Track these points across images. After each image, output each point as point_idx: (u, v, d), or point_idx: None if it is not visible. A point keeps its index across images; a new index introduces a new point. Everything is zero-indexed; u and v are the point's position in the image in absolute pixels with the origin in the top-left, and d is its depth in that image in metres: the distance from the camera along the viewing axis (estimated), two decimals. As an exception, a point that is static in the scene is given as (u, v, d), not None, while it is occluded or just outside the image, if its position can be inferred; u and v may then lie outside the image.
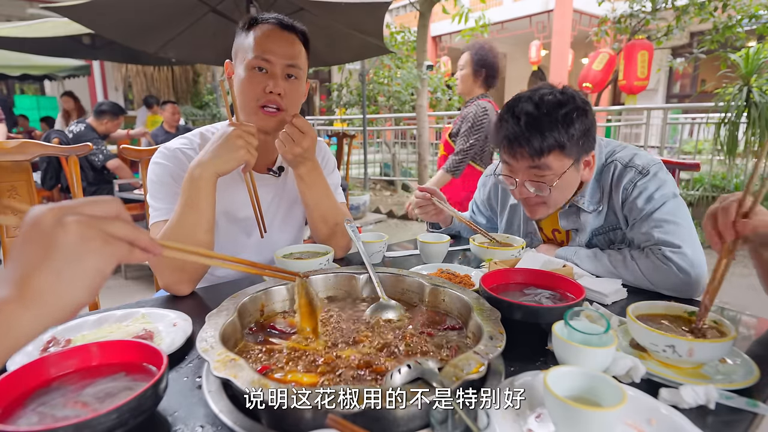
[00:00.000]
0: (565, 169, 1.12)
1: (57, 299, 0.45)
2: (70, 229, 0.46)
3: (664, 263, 1.04)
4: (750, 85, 4.46)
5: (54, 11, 3.24)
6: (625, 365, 0.66)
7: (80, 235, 0.46)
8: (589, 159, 1.16)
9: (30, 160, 1.32)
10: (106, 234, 0.48)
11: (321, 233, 1.28)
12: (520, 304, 0.80)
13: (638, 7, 6.99)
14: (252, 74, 1.13)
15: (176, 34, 3.61)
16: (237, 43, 1.19)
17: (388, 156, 8.60)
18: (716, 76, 5.14)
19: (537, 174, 1.13)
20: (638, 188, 1.13)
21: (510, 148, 1.13)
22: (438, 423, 0.48)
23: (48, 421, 0.53)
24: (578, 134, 1.09)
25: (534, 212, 1.23)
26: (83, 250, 0.46)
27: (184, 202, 1.03)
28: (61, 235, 0.45)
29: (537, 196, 1.17)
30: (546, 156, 1.10)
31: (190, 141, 1.22)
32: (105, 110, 4.08)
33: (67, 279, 0.45)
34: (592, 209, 1.21)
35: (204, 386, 0.62)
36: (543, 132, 1.08)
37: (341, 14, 3.51)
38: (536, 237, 1.38)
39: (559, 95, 1.10)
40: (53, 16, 4.75)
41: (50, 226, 0.45)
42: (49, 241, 0.45)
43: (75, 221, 0.46)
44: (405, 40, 8.02)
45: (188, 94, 10.03)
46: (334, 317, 0.83)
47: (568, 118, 1.08)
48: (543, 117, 1.08)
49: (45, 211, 0.46)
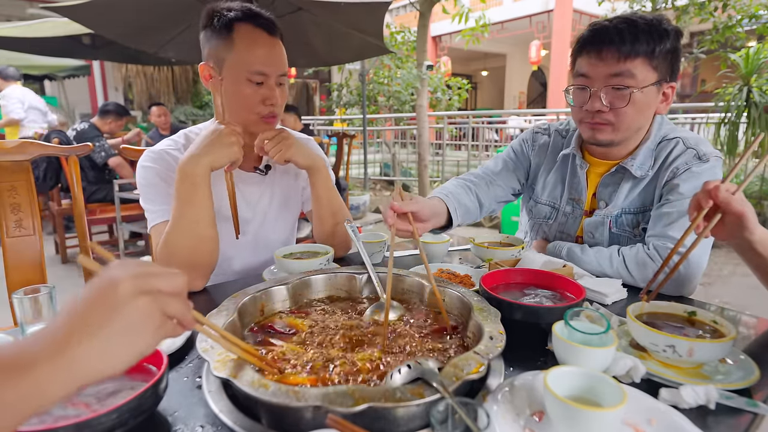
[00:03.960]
0: (648, 82, 1.07)
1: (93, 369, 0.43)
2: (140, 306, 0.44)
3: (653, 259, 1.06)
4: (750, 85, 4.46)
5: (54, 11, 3.24)
6: (625, 365, 0.66)
7: (145, 314, 0.45)
8: (668, 91, 1.13)
9: (30, 159, 1.32)
10: (165, 314, 0.47)
11: (326, 227, 1.29)
12: (520, 304, 0.80)
13: (638, 7, 6.99)
14: (249, 88, 1.13)
15: (176, 34, 3.61)
16: (211, 45, 1.14)
17: (388, 156, 8.60)
18: (716, 76, 5.14)
19: (618, 82, 1.08)
20: (690, 172, 1.10)
21: (597, 47, 1.09)
22: (438, 423, 0.48)
23: (48, 421, 0.53)
24: (669, 50, 1.07)
25: (598, 132, 1.14)
26: (142, 329, 0.45)
27: (180, 199, 1.04)
28: (131, 311, 0.44)
29: (609, 111, 1.10)
30: (633, 59, 1.05)
31: (175, 142, 1.23)
32: (110, 110, 4.11)
33: (112, 353, 0.44)
34: (640, 174, 1.17)
35: (204, 386, 0.62)
36: (636, 33, 1.05)
37: (341, 14, 3.50)
38: (578, 206, 1.29)
39: (656, 16, 1.09)
40: (53, 16, 4.74)
41: (125, 298, 0.44)
42: (117, 312, 0.44)
43: (147, 300, 0.45)
44: (405, 40, 8.02)
45: (188, 94, 10.02)
46: (333, 317, 0.83)
47: (662, 29, 1.06)
48: (639, 21, 1.06)
49: (124, 278, 0.45)
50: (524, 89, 15.82)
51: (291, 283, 0.89)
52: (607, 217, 1.22)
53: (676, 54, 1.09)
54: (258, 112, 1.16)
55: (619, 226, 1.21)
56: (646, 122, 1.17)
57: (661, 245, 1.07)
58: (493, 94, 17.95)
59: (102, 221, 3.80)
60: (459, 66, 15.30)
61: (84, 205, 1.50)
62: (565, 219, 1.32)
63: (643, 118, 1.14)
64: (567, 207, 1.32)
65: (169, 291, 0.47)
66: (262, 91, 1.14)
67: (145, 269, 0.47)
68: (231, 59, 1.12)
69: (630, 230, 1.21)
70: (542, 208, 1.38)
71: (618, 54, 1.06)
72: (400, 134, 9.00)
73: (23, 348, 0.42)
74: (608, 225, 1.22)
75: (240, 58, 1.11)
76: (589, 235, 1.25)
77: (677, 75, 1.13)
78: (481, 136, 8.34)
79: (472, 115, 8.45)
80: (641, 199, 1.19)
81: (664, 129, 1.20)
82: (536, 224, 1.41)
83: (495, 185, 1.40)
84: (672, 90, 1.14)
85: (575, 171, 1.29)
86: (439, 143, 8.54)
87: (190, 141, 1.23)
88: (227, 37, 1.11)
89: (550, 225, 1.36)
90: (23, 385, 0.40)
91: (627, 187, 1.20)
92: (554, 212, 1.35)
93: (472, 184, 1.37)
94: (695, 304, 0.91)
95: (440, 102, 8.51)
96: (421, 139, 6.23)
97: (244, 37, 1.11)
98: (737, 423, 0.60)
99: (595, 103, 1.11)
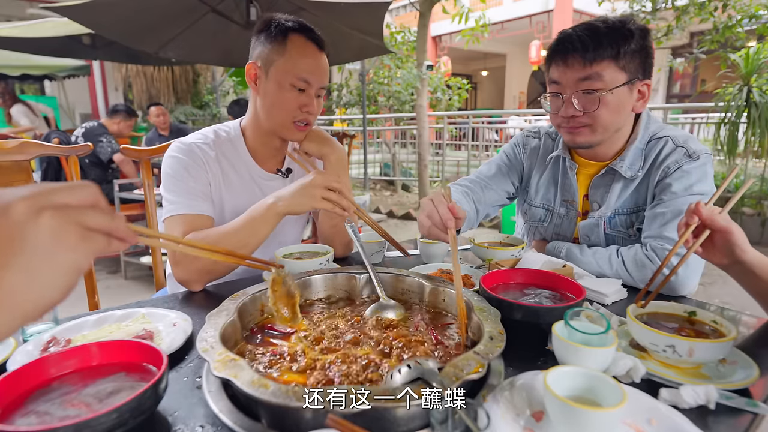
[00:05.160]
0: (617, 84, 1.09)
1: (29, 299, 0.41)
2: (43, 223, 0.40)
3: (651, 259, 1.06)
4: (750, 85, 4.46)
5: (54, 11, 3.24)
6: (625, 365, 0.66)
7: (55, 230, 0.41)
8: (644, 89, 1.14)
9: (30, 159, 1.32)
10: (83, 227, 0.43)
11: (331, 223, 1.30)
12: (520, 304, 0.80)
13: (638, 7, 6.98)
14: (291, 91, 1.17)
15: (176, 34, 3.61)
16: (265, 49, 1.18)
17: (388, 156, 8.60)
18: (716, 76, 5.14)
19: (587, 86, 1.10)
20: (682, 171, 1.11)
21: (563, 55, 1.12)
22: (438, 423, 0.48)
23: (48, 421, 0.53)
24: (635, 49, 1.08)
25: (577, 135, 1.16)
26: (58, 246, 0.41)
27: (248, 219, 1.07)
28: (33, 231, 0.40)
29: (584, 115, 1.12)
30: (599, 63, 1.07)
31: (205, 136, 1.26)
32: (119, 110, 4.18)
33: (40, 277, 0.41)
34: (630, 175, 1.18)
35: (204, 386, 0.62)
36: (599, 38, 1.07)
37: (341, 14, 3.51)
38: (572, 207, 1.30)
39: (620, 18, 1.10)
40: (53, 16, 4.74)
41: (21, 220, 0.40)
42: (20, 235, 0.40)
43: (49, 215, 0.41)
44: (405, 40, 8.02)
45: (188, 94, 10.01)
46: (333, 317, 0.83)
47: (625, 30, 1.07)
48: (600, 25, 1.08)
49: (16, 199, 0.40)
50: (524, 89, 15.82)
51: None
52: (601, 219, 1.22)
53: (645, 52, 1.10)
54: (294, 117, 1.20)
55: (614, 227, 1.22)
56: (624, 122, 1.17)
57: (659, 246, 1.07)
58: (493, 94, 17.95)
59: (102, 221, 3.80)
60: (459, 66, 15.30)
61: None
62: (560, 221, 1.33)
63: (620, 119, 1.15)
64: (561, 209, 1.33)
65: (78, 203, 0.44)
66: (302, 98, 1.18)
67: (40, 187, 0.42)
68: (280, 63, 1.16)
69: (624, 231, 1.21)
70: (537, 211, 1.38)
71: (582, 60, 1.09)
72: (400, 134, 9.01)
73: None
74: (602, 227, 1.22)
75: (289, 63, 1.16)
76: (585, 237, 1.26)
77: (650, 72, 1.14)
78: (481, 136, 8.35)
79: (472, 115, 8.46)
80: (634, 200, 1.20)
81: (651, 128, 1.21)
82: (532, 227, 1.42)
83: (489, 189, 1.41)
84: (647, 87, 1.15)
85: (566, 172, 1.30)
86: (439, 143, 8.55)
87: (219, 137, 1.26)
88: (281, 42, 1.17)
89: (545, 227, 1.37)
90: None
91: (618, 188, 1.20)
92: (549, 214, 1.36)
93: (469, 190, 1.38)
94: (695, 304, 0.91)
95: (440, 102, 8.51)
96: (421, 139, 6.23)
97: (296, 46, 1.17)
98: (737, 423, 0.60)
99: (569, 109, 1.14)
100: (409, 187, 7.97)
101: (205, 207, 1.16)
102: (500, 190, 1.43)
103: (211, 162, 1.21)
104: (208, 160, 1.20)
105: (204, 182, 1.19)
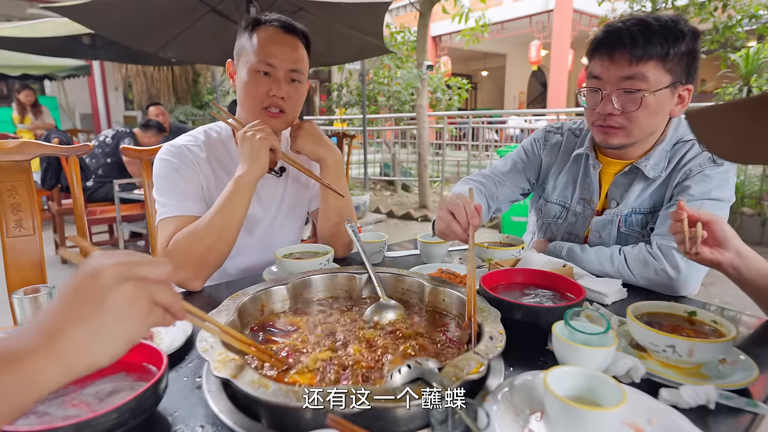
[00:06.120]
0: (661, 86, 1.06)
1: (86, 359, 0.44)
2: (125, 292, 0.45)
3: (655, 257, 1.06)
4: (750, 85, 4.47)
5: (54, 11, 3.23)
6: (625, 365, 0.66)
7: (131, 300, 0.45)
8: (684, 93, 1.11)
9: (30, 159, 1.32)
10: (152, 301, 0.47)
11: (330, 224, 1.29)
12: (520, 304, 0.80)
13: (638, 7, 6.98)
14: (256, 77, 1.16)
15: (176, 34, 3.61)
16: (239, 43, 1.20)
17: (388, 156, 8.59)
18: (716, 76, 5.15)
19: (630, 85, 1.06)
20: (703, 175, 1.09)
21: (608, 49, 1.07)
22: (438, 423, 0.48)
23: (48, 421, 0.53)
24: (684, 52, 1.05)
25: (611, 137, 1.14)
26: (130, 314, 0.45)
27: (221, 202, 1.07)
28: (114, 297, 0.44)
29: (621, 114, 1.10)
30: (646, 63, 1.04)
31: (195, 138, 1.25)
32: (152, 125, 4.37)
33: (102, 341, 0.44)
34: (653, 175, 1.16)
35: (204, 386, 0.62)
36: (649, 36, 1.03)
37: (341, 14, 3.50)
38: (589, 206, 1.28)
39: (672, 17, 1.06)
40: (53, 16, 4.74)
41: (108, 285, 0.44)
42: (102, 300, 0.44)
43: (131, 285, 0.45)
44: (405, 40, 8.01)
45: (188, 94, 10.02)
46: (333, 317, 0.83)
47: (677, 30, 1.04)
48: (652, 22, 1.04)
49: (107, 266, 0.45)
50: (524, 89, 15.82)
51: (291, 283, 0.89)
52: (617, 216, 1.21)
53: (692, 56, 1.07)
54: (262, 103, 1.18)
55: (629, 226, 1.20)
56: (659, 125, 1.15)
57: (665, 244, 1.06)
58: (493, 94, 17.96)
59: (102, 221, 3.81)
60: (459, 66, 15.31)
61: (84, 204, 1.50)
62: (575, 219, 1.31)
63: (657, 122, 1.13)
64: (578, 207, 1.31)
65: (154, 278, 0.48)
66: (268, 81, 1.16)
67: (128, 258, 0.47)
68: (248, 50, 1.17)
69: (639, 230, 1.20)
70: (552, 207, 1.36)
71: (630, 57, 1.05)
72: (400, 134, 9.00)
73: (14, 340, 0.43)
74: (617, 224, 1.21)
75: (255, 49, 1.16)
76: (596, 234, 1.24)
77: (695, 77, 1.11)
78: (481, 136, 8.35)
79: (472, 115, 8.45)
80: (652, 200, 1.18)
81: (680, 131, 1.19)
82: (545, 224, 1.39)
83: (503, 185, 1.40)
84: (689, 92, 1.11)
85: (587, 171, 1.28)
86: (439, 143, 8.55)
87: (210, 138, 1.26)
88: (251, 33, 1.18)
89: (559, 225, 1.35)
90: (17, 377, 0.40)
91: (639, 188, 1.19)
92: (564, 212, 1.34)
93: (482, 186, 1.37)
94: (695, 304, 0.91)
95: (440, 102, 8.50)
96: (421, 139, 6.23)
97: (262, 33, 1.17)
98: (737, 423, 0.60)
99: (607, 106, 1.10)
100: (409, 187, 7.97)
101: (198, 208, 1.15)
102: (514, 186, 1.42)
103: (201, 163, 1.20)
104: (199, 161, 1.20)
105: (195, 184, 1.18)
